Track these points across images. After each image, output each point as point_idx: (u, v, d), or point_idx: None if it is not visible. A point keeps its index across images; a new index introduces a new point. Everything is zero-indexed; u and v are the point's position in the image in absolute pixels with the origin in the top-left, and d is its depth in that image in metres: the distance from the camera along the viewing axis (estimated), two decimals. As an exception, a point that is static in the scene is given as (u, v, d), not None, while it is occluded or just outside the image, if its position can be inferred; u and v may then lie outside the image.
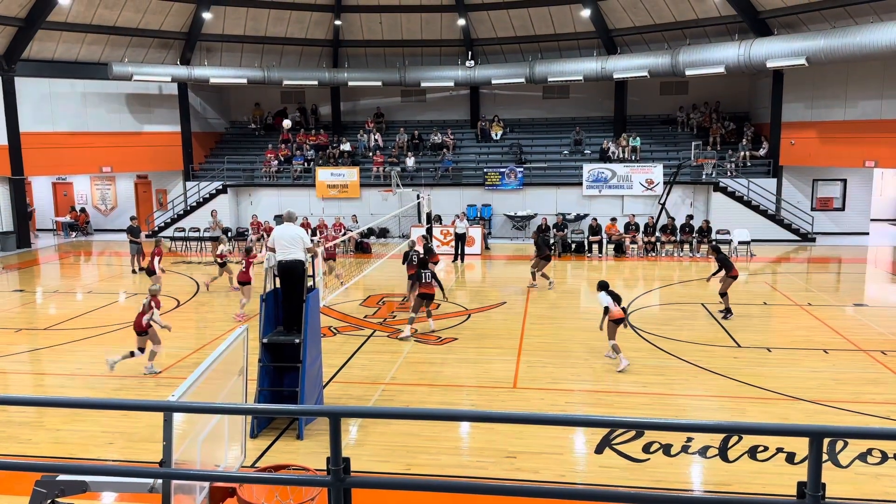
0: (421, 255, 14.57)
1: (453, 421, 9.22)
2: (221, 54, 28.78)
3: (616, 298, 11.46)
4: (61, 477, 4.29)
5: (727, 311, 14.34)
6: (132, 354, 11.18)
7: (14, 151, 24.80)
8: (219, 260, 17.51)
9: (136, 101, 27.92)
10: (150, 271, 16.48)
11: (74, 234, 28.55)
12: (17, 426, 9.24)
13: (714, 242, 17.60)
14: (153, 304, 11.34)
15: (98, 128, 26.90)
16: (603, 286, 11.62)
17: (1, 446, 8.57)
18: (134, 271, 20.48)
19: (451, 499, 6.85)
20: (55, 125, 26.00)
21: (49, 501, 4.28)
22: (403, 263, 15.51)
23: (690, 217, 23.52)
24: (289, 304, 9.49)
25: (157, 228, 27.98)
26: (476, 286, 18.95)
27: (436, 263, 15.61)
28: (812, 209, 25.09)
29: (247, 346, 5.14)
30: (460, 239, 21.54)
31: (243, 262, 15.42)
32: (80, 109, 26.71)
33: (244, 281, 15.07)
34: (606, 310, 11.40)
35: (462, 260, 21.52)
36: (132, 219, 21.34)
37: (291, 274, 9.39)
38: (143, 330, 11.19)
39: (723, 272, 14.46)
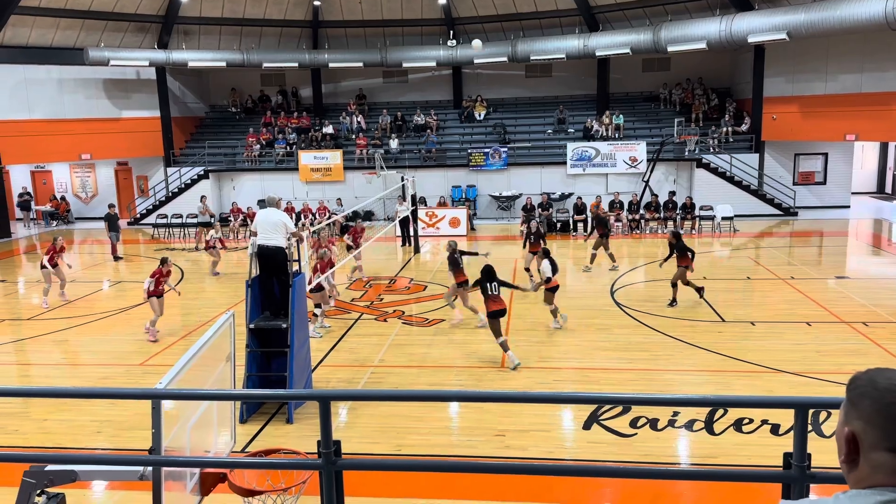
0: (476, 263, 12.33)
1: (442, 401, 9.26)
2: (199, 37, 28.36)
3: (554, 267, 11.91)
4: (50, 467, 4.27)
5: (673, 301, 13.42)
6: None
7: (-10, 140, 24.40)
8: (202, 246, 17.38)
9: (113, 87, 27.50)
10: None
11: (55, 222, 28.20)
12: (3, 417, 9.17)
13: (675, 229, 16.27)
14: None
15: (76, 114, 26.49)
16: (546, 254, 12.05)
17: (-13, 438, 8.51)
18: (116, 258, 20.31)
19: (442, 478, 6.90)
20: (31, 112, 25.57)
21: (38, 491, 4.25)
22: (450, 269, 13.01)
23: (673, 194, 23.64)
24: (271, 289, 9.47)
25: (139, 215, 27.71)
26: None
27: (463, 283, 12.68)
28: (794, 183, 25.29)
29: (233, 331, 5.12)
30: (404, 224, 21.14)
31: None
32: (57, 96, 26.27)
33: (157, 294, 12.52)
34: (549, 279, 11.80)
35: (410, 244, 21.18)
36: (110, 206, 21.10)
37: (272, 260, 9.35)
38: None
39: (685, 260, 13.38)
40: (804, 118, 23.65)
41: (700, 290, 13.59)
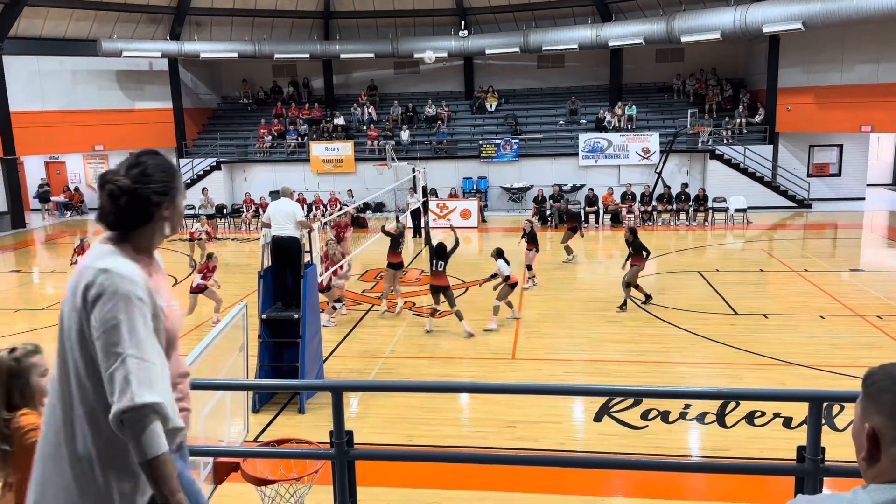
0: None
1: (454, 392, 9.29)
2: (211, 28, 28.40)
3: (507, 262, 12.02)
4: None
5: (623, 305, 12.76)
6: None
7: (5, 131, 24.53)
8: (205, 237, 17.33)
9: (126, 78, 27.61)
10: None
11: (69, 213, 28.41)
12: (19, 406, 9.27)
13: (632, 226, 14.90)
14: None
15: (89, 106, 26.62)
16: (499, 253, 11.97)
17: (4, 426, 8.60)
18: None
19: (453, 468, 6.92)
20: (45, 104, 25.71)
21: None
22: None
23: (686, 185, 23.51)
24: (283, 280, 9.51)
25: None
26: (473, 259, 18.95)
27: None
28: (808, 175, 25.06)
29: (246, 322, 5.15)
30: (415, 215, 21.06)
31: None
32: (71, 87, 26.41)
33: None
34: (507, 277, 11.79)
35: (421, 235, 21.08)
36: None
37: (285, 250, 9.38)
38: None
39: (645, 260, 12.99)
40: (819, 109, 23.40)
41: (648, 298, 12.97)
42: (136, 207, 2.29)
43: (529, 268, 14.85)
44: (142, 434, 2.03)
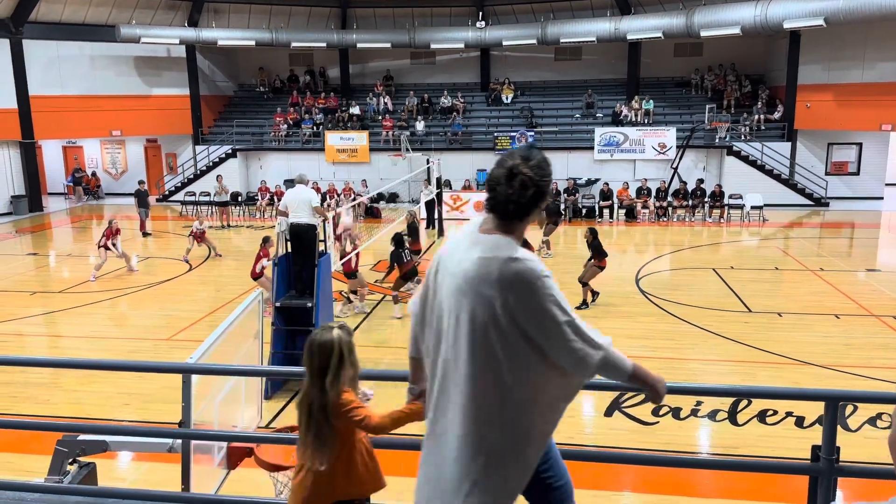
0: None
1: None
2: (229, 16, 28.45)
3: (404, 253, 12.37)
4: (82, 437, 4.38)
5: (583, 304, 12.65)
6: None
7: (24, 115, 24.75)
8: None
9: (144, 64, 27.73)
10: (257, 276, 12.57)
11: (86, 197, 28.63)
12: (35, 387, 9.40)
13: (591, 226, 14.13)
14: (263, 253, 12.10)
15: (107, 91, 26.76)
16: (398, 241, 12.37)
17: (20, 407, 8.74)
18: (145, 234, 20.61)
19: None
20: (64, 88, 25.88)
21: (70, 460, 4.37)
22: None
23: (701, 181, 23.32)
24: (300, 267, 9.55)
25: (167, 192, 28.03)
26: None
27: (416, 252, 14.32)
28: (826, 173, 24.80)
29: (261, 309, 5.18)
30: (429, 207, 21.03)
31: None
32: (89, 72, 26.56)
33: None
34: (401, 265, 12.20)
35: (434, 227, 21.03)
36: (140, 183, 21.38)
37: (302, 237, 9.42)
38: (256, 276, 12.26)
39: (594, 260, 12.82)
40: (839, 107, 23.13)
41: (595, 295, 12.91)
42: (535, 199, 2.38)
43: None
44: (616, 363, 2.47)
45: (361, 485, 2.92)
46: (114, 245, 15.32)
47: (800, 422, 7.97)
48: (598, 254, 12.71)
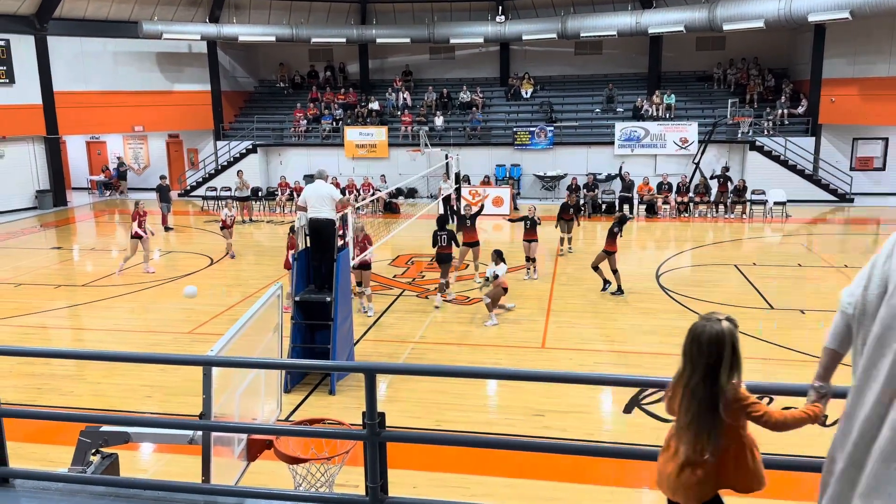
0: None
1: (485, 378, 9.30)
2: (250, 12, 28.61)
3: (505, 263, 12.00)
4: (105, 428, 4.43)
5: (606, 283, 13.19)
6: None
7: (48, 110, 25.11)
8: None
9: (166, 60, 27.98)
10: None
11: (109, 192, 28.99)
12: (59, 379, 9.55)
13: (623, 215, 14.38)
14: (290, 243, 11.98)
15: (130, 87, 27.05)
16: (500, 255, 11.82)
17: (45, 398, 8.88)
18: (167, 229, 20.81)
19: (480, 454, 6.94)
20: (88, 84, 26.20)
21: (93, 451, 4.43)
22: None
23: (726, 169, 23.05)
24: (318, 262, 9.59)
25: (189, 187, 28.28)
26: (504, 247, 18.89)
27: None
28: (851, 169, 24.42)
29: (281, 303, 5.21)
30: (447, 202, 20.93)
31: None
32: (112, 68, 26.85)
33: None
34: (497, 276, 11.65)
35: (453, 221, 20.76)
36: (162, 178, 21.59)
37: (321, 232, 9.45)
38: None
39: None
40: (864, 101, 22.75)
41: (607, 285, 13.21)
42: None
43: (532, 259, 14.55)
44: None
45: (747, 480, 2.95)
46: (145, 230, 15.30)
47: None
48: (609, 237, 12.88)
